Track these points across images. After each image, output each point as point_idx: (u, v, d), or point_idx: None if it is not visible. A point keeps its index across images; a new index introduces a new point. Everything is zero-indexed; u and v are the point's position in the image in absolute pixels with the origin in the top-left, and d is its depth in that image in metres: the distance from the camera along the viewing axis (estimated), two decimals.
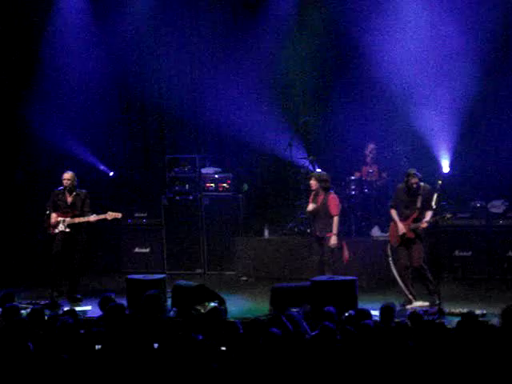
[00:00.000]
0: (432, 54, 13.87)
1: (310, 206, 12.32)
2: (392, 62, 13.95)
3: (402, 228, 11.54)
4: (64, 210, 12.52)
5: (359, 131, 14.38)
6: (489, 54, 13.55)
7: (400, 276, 11.66)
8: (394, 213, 11.73)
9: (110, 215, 12.57)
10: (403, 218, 11.62)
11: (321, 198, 12.21)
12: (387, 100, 14.27)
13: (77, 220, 12.46)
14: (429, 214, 11.48)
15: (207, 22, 15.30)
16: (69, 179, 12.50)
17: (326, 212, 12.14)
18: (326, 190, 12.24)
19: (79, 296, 12.59)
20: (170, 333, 7.82)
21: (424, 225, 11.45)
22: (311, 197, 12.39)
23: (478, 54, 13.45)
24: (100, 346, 7.77)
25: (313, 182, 12.35)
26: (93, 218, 12.49)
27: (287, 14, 14.93)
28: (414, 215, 11.54)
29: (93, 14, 15.30)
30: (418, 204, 11.52)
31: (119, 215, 12.70)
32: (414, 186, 11.47)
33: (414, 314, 8.50)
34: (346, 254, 12.31)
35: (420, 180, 11.52)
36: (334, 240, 12.02)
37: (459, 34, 13.56)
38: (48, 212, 12.53)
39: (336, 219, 12.09)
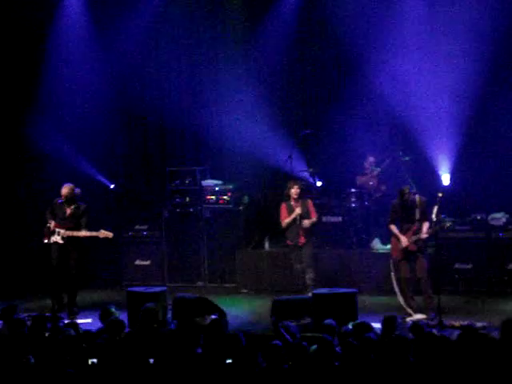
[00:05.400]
0: (434, 67, 13.91)
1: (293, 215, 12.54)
2: (393, 75, 14.04)
3: (404, 241, 11.56)
4: (61, 222, 12.49)
5: (359, 144, 14.43)
6: (491, 70, 13.57)
7: (400, 289, 11.68)
8: (393, 227, 11.77)
9: (102, 234, 12.46)
10: (403, 232, 11.65)
11: (298, 204, 12.53)
12: (388, 113, 14.30)
13: (69, 233, 12.42)
14: (426, 225, 11.52)
15: (208, 34, 15.38)
16: (67, 191, 12.44)
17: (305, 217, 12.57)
18: (301, 196, 12.68)
19: (76, 309, 12.57)
20: (170, 346, 7.79)
21: (424, 236, 11.48)
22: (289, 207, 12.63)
23: (481, 69, 13.44)
24: (96, 360, 7.75)
25: (297, 191, 12.62)
26: (83, 233, 12.43)
27: (287, 28, 14.99)
28: (415, 227, 11.57)
29: (93, 26, 15.36)
30: (417, 216, 11.56)
31: (110, 235, 12.52)
32: (410, 201, 11.52)
33: (416, 326, 8.49)
34: None
35: (414, 193, 11.59)
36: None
37: (462, 48, 13.60)
38: (49, 225, 12.51)
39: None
